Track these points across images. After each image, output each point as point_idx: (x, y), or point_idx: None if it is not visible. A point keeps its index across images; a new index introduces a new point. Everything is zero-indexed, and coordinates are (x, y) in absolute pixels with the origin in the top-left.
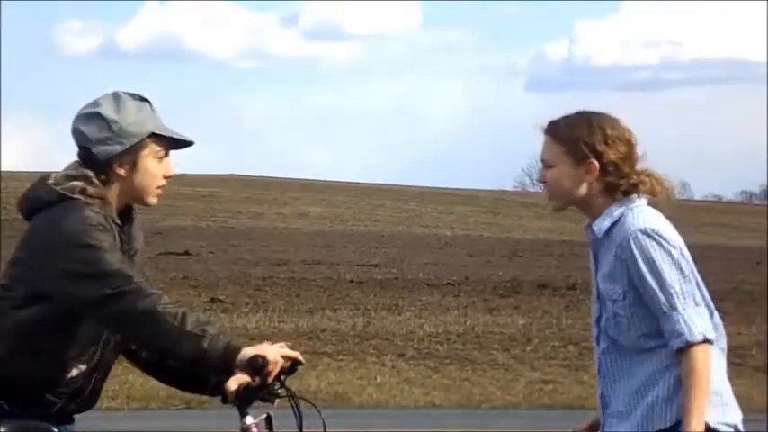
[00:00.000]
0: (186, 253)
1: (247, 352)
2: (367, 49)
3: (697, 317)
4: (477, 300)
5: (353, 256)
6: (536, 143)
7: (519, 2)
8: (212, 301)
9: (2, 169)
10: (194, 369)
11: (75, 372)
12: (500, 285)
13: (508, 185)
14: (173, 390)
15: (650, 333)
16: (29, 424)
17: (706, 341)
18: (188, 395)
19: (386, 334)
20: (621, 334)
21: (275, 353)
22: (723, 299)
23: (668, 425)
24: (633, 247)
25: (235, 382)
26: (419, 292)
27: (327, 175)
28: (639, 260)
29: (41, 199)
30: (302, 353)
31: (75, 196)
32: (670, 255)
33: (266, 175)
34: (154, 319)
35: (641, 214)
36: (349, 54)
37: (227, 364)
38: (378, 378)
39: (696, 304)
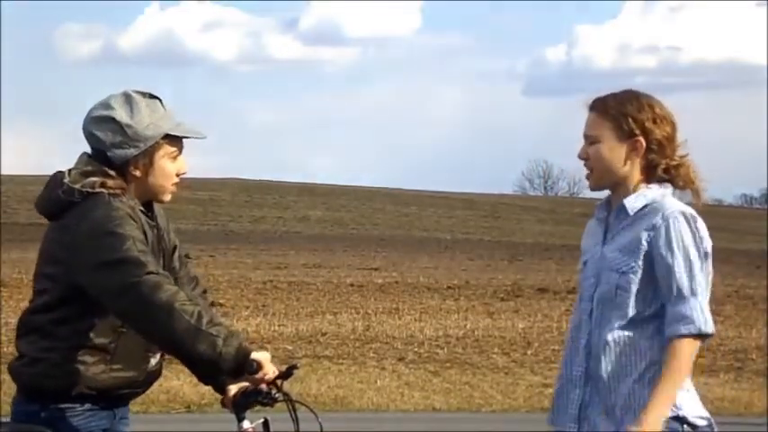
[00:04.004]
0: (186, 257)
1: (255, 356)
2: (366, 53)
3: (708, 310)
4: (478, 303)
5: (353, 259)
6: (536, 147)
7: (518, 5)
8: (212, 304)
9: (2, 173)
10: (206, 369)
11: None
12: (500, 289)
13: (508, 189)
14: (173, 393)
15: (641, 317)
16: (25, 427)
17: (707, 336)
18: (188, 399)
19: (386, 338)
20: (614, 309)
21: (269, 360)
22: (723, 302)
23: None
24: (671, 225)
25: (232, 387)
26: (419, 295)
27: (327, 179)
28: (674, 239)
29: (62, 200)
30: (302, 357)
31: (98, 190)
32: (703, 244)
33: (266, 178)
34: (170, 314)
35: (680, 202)
36: (348, 58)
37: (239, 367)
38: (378, 382)
39: (707, 300)
